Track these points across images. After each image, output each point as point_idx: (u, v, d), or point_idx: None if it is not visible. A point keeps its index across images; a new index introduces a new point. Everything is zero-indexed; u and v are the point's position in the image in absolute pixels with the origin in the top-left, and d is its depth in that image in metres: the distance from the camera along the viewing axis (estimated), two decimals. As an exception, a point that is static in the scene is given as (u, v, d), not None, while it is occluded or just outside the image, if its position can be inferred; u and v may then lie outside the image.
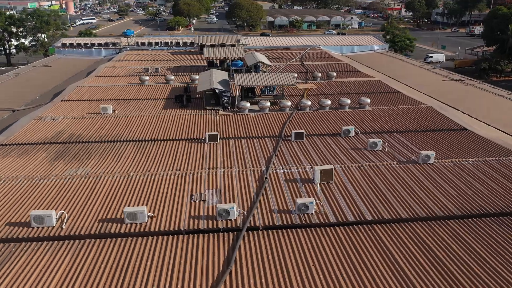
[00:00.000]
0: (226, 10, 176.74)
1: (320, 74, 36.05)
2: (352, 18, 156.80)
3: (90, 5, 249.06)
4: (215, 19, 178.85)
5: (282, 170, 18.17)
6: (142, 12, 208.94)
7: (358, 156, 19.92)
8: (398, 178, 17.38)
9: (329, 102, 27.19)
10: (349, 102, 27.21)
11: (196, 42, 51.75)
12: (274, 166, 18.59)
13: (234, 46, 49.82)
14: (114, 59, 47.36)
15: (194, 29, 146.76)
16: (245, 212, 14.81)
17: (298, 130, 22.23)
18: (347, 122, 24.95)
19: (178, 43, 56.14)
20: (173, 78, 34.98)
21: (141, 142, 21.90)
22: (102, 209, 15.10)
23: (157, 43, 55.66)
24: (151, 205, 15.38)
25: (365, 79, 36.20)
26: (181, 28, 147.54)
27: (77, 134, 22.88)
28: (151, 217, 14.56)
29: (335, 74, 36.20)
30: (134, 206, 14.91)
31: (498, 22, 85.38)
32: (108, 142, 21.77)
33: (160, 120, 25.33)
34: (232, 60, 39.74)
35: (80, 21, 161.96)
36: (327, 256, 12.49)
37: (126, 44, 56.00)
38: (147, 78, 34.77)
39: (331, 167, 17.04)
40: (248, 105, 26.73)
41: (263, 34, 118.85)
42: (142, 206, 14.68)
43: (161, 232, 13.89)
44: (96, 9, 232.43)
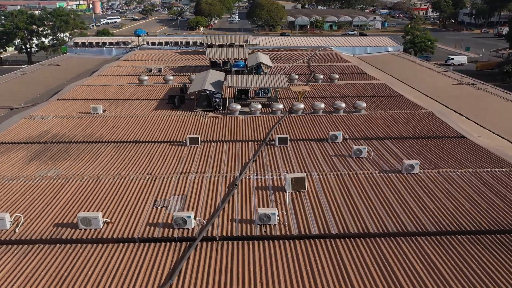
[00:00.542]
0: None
1: (322, 76, 35.03)
2: (375, 19, 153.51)
3: (117, 4, 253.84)
4: (237, 19, 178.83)
5: (255, 177, 17.45)
6: (166, 11, 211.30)
7: (340, 163, 18.97)
8: (376, 189, 16.39)
9: (322, 105, 26.23)
10: (343, 106, 26.17)
11: (204, 42, 51.39)
12: (249, 172, 17.89)
13: (242, 46, 49.32)
14: (121, 58, 47.61)
15: (213, 28, 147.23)
16: (204, 221, 14.21)
17: (282, 135, 21.44)
18: (339, 126, 23.96)
19: (188, 43, 55.99)
20: (172, 78, 34.70)
21: (121, 143, 21.60)
22: (61, 213, 14.80)
23: (167, 43, 55.65)
24: (112, 210, 14.97)
25: (368, 82, 34.95)
26: (201, 27, 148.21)
27: (61, 134, 22.81)
28: (107, 223, 14.14)
29: (338, 76, 35.09)
30: (89, 212, 14.53)
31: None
32: (88, 143, 21.57)
33: (147, 121, 25.01)
34: (235, 60, 39.21)
35: (104, 20, 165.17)
36: (277, 271, 11.75)
37: (137, 43, 56.31)
38: (146, 78, 34.61)
39: (303, 176, 16.20)
40: (238, 107, 26.08)
41: (283, 34, 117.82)
42: (98, 211, 14.28)
43: (113, 239, 13.45)
44: (122, 8, 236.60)
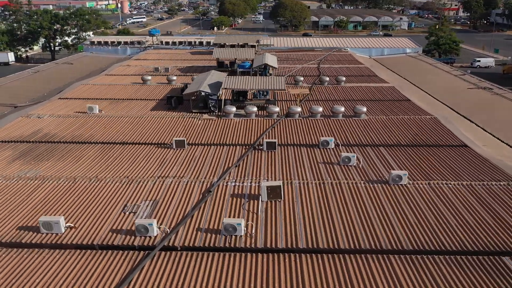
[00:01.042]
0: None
1: (328, 78, 33.99)
2: (401, 19, 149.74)
3: (145, 4, 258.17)
4: (261, 19, 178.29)
5: (233, 183, 16.80)
6: (192, 11, 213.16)
7: (326, 171, 18.06)
8: (357, 201, 15.43)
9: (320, 109, 25.30)
10: (342, 110, 25.14)
11: (217, 42, 51.09)
12: (227, 178, 17.25)
13: (254, 47, 48.73)
14: (132, 58, 47.89)
15: (236, 28, 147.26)
16: (168, 229, 13.67)
17: (271, 139, 20.69)
18: (335, 132, 22.98)
19: (201, 43, 55.90)
20: (175, 78, 34.46)
21: (108, 144, 21.37)
22: (28, 215, 14.57)
23: (180, 43, 55.77)
24: (80, 213, 14.64)
25: (377, 85, 33.64)
26: (224, 27, 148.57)
27: (51, 134, 22.82)
28: (71, 227, 13.81)
29: (344, 79, 33.96)
30: (53, 215, 14.24)
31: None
32: (75, 143, 21.44)
33: (140, 122, 24.73)
34: (242, 61, 38.69)
35: (131, 19, 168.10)
36: (231, 286, 11.06)
37: (151, 43, 56.62)
38: (149, 78, 34.50)
39: (279, 184, 15.42)
40: (233, 109, 25.47)
41: (305, 35, 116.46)
42: (61, 215, 13.94)
43: (73, 245, 13.09)
44: (150, 8, 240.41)
